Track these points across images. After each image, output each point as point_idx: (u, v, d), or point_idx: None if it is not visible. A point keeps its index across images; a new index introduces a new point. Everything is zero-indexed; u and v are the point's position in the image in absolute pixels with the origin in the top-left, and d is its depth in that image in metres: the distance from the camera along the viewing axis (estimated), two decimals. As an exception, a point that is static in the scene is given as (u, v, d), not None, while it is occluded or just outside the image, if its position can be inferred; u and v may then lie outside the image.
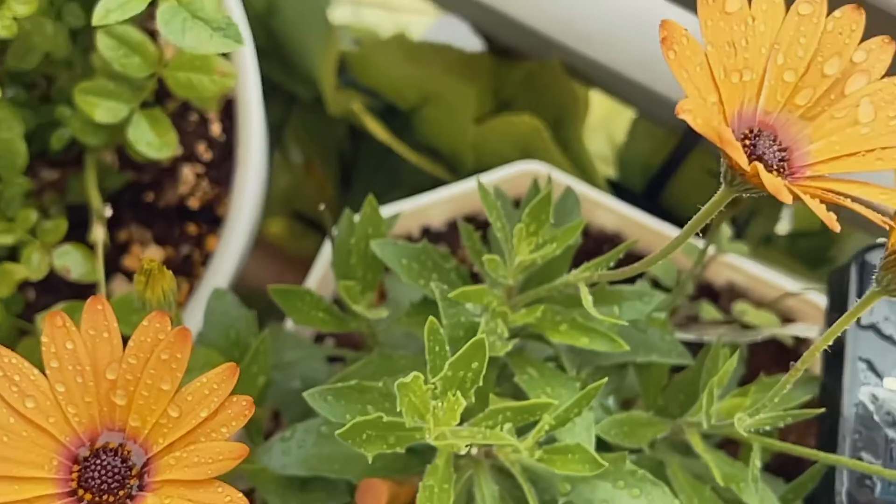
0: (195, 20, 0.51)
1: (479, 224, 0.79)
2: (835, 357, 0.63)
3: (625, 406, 0.69)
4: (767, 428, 0.56)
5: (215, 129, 0.76)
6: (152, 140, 0.63)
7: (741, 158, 0.39)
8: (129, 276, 0.74)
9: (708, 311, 0.76)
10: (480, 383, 0.50)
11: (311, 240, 1.02)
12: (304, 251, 0.98)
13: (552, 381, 0.59)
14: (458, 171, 0.91)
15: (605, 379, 0.55)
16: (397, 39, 0.95)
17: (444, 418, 0.50)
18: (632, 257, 0.57)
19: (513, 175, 0.80)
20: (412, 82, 0.91)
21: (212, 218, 0.76)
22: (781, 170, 0.44)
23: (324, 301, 0.63)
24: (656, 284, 0.79)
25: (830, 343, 0.65)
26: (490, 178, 0.79)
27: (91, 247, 0.65)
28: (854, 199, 0.42)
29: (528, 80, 0.91)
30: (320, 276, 0.75)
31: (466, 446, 0.50)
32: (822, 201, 0.41)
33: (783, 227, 0.95)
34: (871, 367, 0.62)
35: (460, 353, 0.49)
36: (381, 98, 0.95)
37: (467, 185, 0.80)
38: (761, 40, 0.45)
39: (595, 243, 0.83)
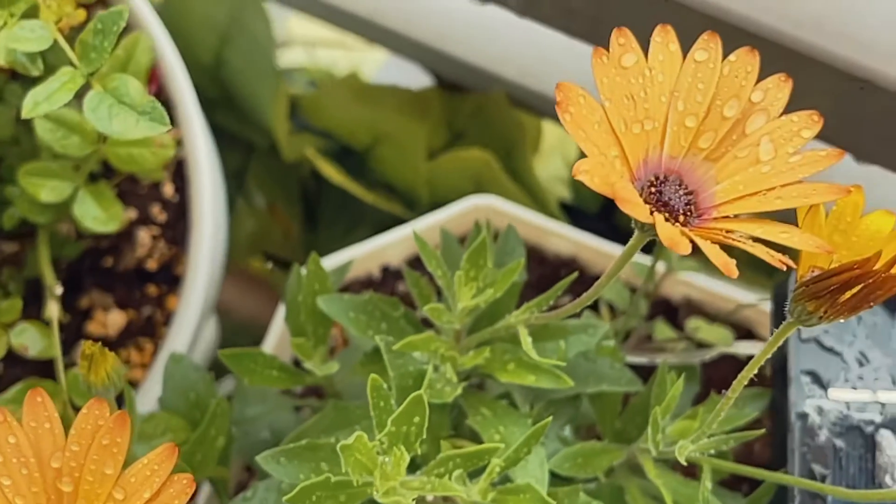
0: (121, 106, 0.52)
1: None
2: (780, 371, 0.65)
3: (586, 431, 0.70)
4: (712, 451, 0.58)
5: (168, 190, 0.77)
6: (98, 215, 0.64)
7: (639, 214, 0.41)
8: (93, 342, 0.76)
9: (662, 330, 0.77)
10: (424, 436, 0.52)
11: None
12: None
13: (505, 420, 0.61)
14: (414, 208, 0.92)
15: (550, 418, 0.56)
16: (347, 81, 0.96)
17: (391, 473, 0.51)
18: (588, 280, 0.58)
19: (466, 210, 0.82)
20: (363, 123, 0.93)
21: (171, 278, 0.77)
22: (689, 213, 0.46)
23: (277, 360, 0.64)
24: (613, 308, 0.80)
25: (777, 358, 0.66)
26: (443, 214, 0.81)
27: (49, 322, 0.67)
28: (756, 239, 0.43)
29: (478, 111, 0.93)
30: (280, 332, 0.76)
31: (413, 499, 0.51)
32: (722, 246, 0.42)
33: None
34: (816, 378, 0.63)
35: (401, 410, 0.51)
36: (336, 139, 0.97)
37: (421, 223, 0.82)
38: (660, 89, 0.46)
39: (553, 269, 0.85)
